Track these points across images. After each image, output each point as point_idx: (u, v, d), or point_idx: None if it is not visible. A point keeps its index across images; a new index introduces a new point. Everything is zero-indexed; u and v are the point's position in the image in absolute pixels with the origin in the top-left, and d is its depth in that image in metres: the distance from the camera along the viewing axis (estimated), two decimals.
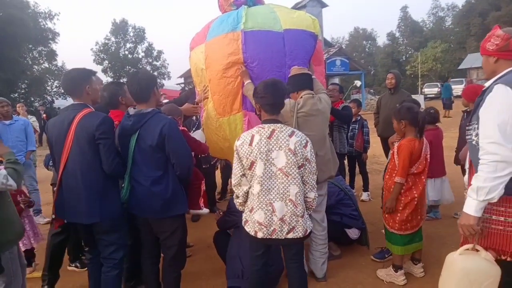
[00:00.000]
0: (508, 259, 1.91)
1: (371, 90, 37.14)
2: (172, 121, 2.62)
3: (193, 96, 4.02)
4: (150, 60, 42.23)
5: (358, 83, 20.46)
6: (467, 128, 2.11)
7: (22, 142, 5.46)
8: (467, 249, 1.97)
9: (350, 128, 5.50)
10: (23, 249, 3.56)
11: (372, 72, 50.12)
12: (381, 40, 70.09)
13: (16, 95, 26.72)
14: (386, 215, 3.18)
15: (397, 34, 53.77)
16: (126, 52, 40.91)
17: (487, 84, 2.00)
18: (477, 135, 1.92)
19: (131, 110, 2.65)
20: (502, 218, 1.91)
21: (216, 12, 3.92)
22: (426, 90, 29.74)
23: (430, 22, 53.61)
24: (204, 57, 3.48)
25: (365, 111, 18.77)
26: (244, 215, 2.50)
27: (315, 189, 2.46)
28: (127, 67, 39.21)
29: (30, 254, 3.72)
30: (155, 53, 42.08)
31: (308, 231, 2.43)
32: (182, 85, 27.68)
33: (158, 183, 2.54)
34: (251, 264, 2.58)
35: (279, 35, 3.28)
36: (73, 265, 3.87)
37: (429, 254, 3.41)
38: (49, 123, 2.67)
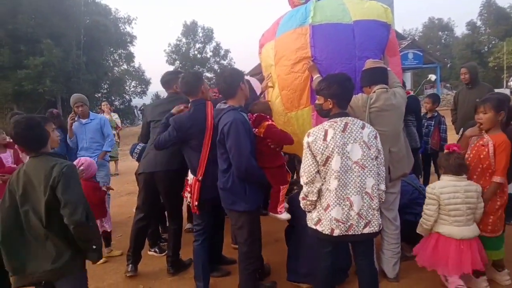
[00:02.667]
0: None
1: (447, 85, 34.45)
2: (237, 120, 2.65)
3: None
4: (218, 59, 43.70)
5: (432, 77, 19.18)
6: None
7: (97, 143, 5.08)
8: None
9: (426, 124, 5.21)
10: (108, 229, 4.06)
11: (448, 65, 46.46)
12: (460, 30, 64.84)
13: (99, 94, 29.36)
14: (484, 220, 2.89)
15: (479, 23, 49.20)
16: (196, 52, 42.78)
17: None
18: None
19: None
20: None
21: (286, 8, 3.95)
22: None
23: None
24: (274, 53, 3.53)
25: (441, 107, 17.55)
26: (315, 214, 2.45)
27: (384, 181, 2.42)
28: (197, 66, 40.99)
29: (108, 236, 4.14)
30: (222, 52, 43.45)
31: (381, 225, 2.39)
32: None
33: (222, 175, 2.77)
34: (320, 260, 2.57)
35: (349, 27, 3.21)
36: (153, 250, 4.20)
37: None
38: (187, 119, 3.01)
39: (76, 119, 4.96)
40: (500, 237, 2.92)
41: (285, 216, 3.00)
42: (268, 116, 3.02)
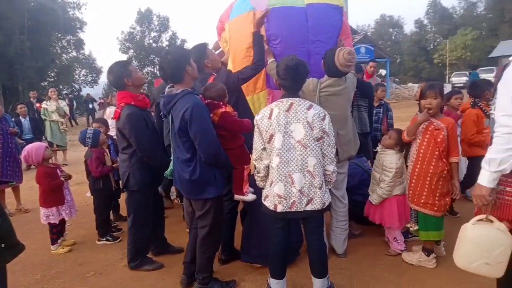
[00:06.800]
0: None
1: (396, 79, 36.35)
2: (197, 105, 2.52)
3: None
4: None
5: (383, 72, 20.09)
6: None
7: None
8: (481, 220, 2.00)
9: (374, 112, 5.47)
10: (66, 218, 3.92)
11: (398, 61, 48.86)
12: (408, 27, 68.17)
13: (46, 83, 27.67)
14: (436, 201, 2.97)
15: (425, 21, 52.18)
16: (151, 41, 41.46)
17: (511, 58, 1.99)
18: (495, 109, 1.94)
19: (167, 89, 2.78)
20: None
21: None
22: (454, 79, 28.87)
23: (461, 8, 51.55)
24: (228, 37, 3.54)
25: (390, 100, 18.45)
26: (264, 190, 2.56)
27: (334, 162, 2.50)
28: (152, 56, 39.81)
29: (63, 225, 4.00)
30: (178, 42, 42.45)
31: (326, 204, 2.47)
32: None
33: (186, 165, 2.63)
34: (272, 236, 2.64)
35: (302, 10, 3.27)
36: (104, 239, 4.09)
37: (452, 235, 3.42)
38: None
39: None
40: (443, 217, 3.08)
41: (251, 197, 2.98)
42: (221, 103, 2.85)
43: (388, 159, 3.29)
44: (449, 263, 2.70)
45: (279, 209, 2.43)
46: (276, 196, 2.42)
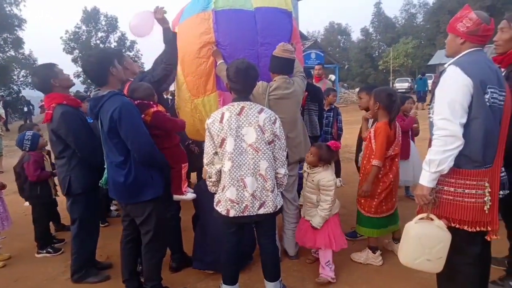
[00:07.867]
0: (457, 226, 2.05)
1: (345, 84, 37.94)
2: (125, 104, 2.47)
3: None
4: (123, 50, 41.10)
5: (332, 77, 20.75)
6: (429, 108, 2.24)
7: None
8: (422, 218, 2.10)
9: (325, 116, 5.62)
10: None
11: (346, 67, 50.98)
12: (356, 35, 71.41)
13: None
14: (362, 201, 3.18)
15: (371, 30, 55.04)
16: (98, 42, 39.70)
17: (446, 65, 2.11)
18: (434, 113, 2.06)
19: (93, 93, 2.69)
20: (452, 189, 2.04)
21: None
22: (397, 85, 30.54)
23: (403, 18, 55.13)
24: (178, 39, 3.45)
25: (339, 104, 19.17)
26: (216, 195, 2.51)
27: (285, 165, 2.52)
28: None
29: None
30: (128, 43, 41.01)
31: (278, 207, 2.48)
32: None
33: (120, 168, 2.53)
34: (225, 241, 2.59)
35: (250, 14, 3.27)
36: (44, 251, 3.80)
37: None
38: None
39: None
40: (370, 218, 3.18)
41: (191, 196, 2.95)
42: (151, 102, 2.83)
43: (322, 177, 2.95)
44: (395, 260, 2.79)
45: (232, 213, 2.39)
46: (229, 201, 2.38)
